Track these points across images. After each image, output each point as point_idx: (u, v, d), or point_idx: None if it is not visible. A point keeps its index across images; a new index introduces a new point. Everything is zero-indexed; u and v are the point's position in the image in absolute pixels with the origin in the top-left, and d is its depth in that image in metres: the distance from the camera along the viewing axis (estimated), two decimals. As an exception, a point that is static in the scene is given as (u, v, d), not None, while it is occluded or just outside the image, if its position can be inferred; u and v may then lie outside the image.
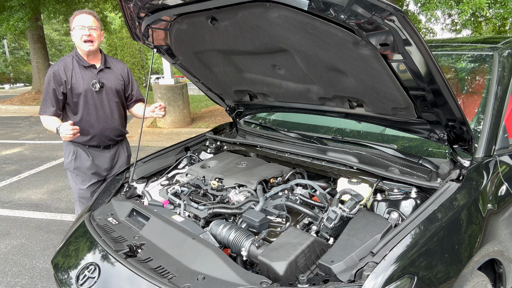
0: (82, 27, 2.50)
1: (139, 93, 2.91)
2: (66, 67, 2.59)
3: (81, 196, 2.76)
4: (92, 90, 2.61)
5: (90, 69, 2.63)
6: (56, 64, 2.60)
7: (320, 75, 1.79)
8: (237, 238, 1.60)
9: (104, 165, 2.78)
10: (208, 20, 1.74)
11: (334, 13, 1.30)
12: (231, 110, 2.74)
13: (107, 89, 2.67)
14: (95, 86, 2.61)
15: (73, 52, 2.67)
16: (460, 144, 1.69)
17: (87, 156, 2.72)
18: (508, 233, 1.73)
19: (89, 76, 2.62)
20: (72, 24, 2.55)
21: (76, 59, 2.62)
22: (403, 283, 1.25)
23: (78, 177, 2.74)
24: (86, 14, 2.55)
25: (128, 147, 2.97)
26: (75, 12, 2.60)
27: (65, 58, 2.64)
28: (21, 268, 3.21)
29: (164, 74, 8.75)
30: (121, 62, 2.87)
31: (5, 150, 7.46)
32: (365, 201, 1.76)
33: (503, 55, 2.11)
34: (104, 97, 2.67)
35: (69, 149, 2.73)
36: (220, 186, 2.08)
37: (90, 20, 2.53)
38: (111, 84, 2.69)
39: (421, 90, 1.50)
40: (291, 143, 2.32)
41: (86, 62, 2.62)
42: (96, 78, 2.63)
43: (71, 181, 2.80)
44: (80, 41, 2.53)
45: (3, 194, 5.00)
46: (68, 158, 2.74)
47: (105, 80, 2.67)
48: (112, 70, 2.73)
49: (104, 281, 1.53)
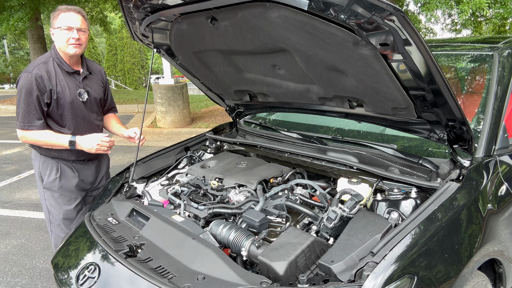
0: (69, 28, 2.15)
1: (112, 99, 2.62)
2: (49, 72, 2.18)
3: (66, 217, 2.39)
4: (79, 101, 2.27)
5: (73, 76, 2.28)
6: (36, 68, 2.16)
7: (320, 75, 1.79)
8: (237, 238, 1.60)
9: (89, 179, 2.47)
10: (208, 20, 1.74)
11: (334, 13, 1.30)
12: (231, 110, 2.74)
13: (92, 98, 2.36)
14: (83, 96, 2.28)
15: (52, 53, 2.24)
16: (460, 144, 1.69)
17: (73, 172, 2.37)
18: (508, 233, 1.73)
19: (74, 84, 2.26)
20: (56, 22, 2.16)
21: (57, 63, 2.22)
22: (403, 283, 1.25)
23: (62, 196, 2.37)
24: (75, 12, 2.17)
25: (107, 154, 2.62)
26: (60, 7, 2.19)
27: (44, 61, 2.21)
28: (21, 268, 3.21)
29: (164, 74, 8.75)
30: (97, 65, 2.51)
31: (5, 150, 7.45)
32: (365, 201, 1.76)
33: (503, 55, 2.11)
34: (90, 107, 2.36)
35: (50, 165, 2.33)
36: (220, 186, 2.08)
37: (79, 20, 2.17)
38: (95, 92, 2.38)
39: (421, 90, 1.50)
40: (291, 143, 2.32)
41: (69, 68, 2.25)
42: (81, 86, 2.29)
43: (51, 203, 2.38)
44: (65, 43, 2.17)
45: (3, 194, 5.00)
46: (49, 176, 2.33)
47: (90, 88, 2.34)
48: (94, 76, 2.41)
49: (104, 281, 1.53)
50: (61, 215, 2.39)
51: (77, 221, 2.10)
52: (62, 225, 2.41)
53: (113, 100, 2.64)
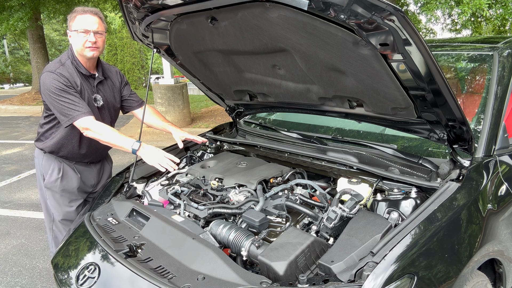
0: (86, 31, 2.11)
1: (135, 94, 2.58)
2: (70, 73, 2.15)
3: (66, 218, 2.37)
4: (94, 106, 2.24)
5: (89, 80, 2.25)
6: (58, 68, 2.13)
7: (320, 75, 1.79)
8: (237, 238, 1.60)
9: (91, 181, 2.46)
10: (208, 20, 1.74)
11: (334, 13, 1.30)
12: (231, 110, 2.74)
13: (106, 103, 2.34)
14: (98, 102, 2.26)
15: (69, 54, 2.20)
16: (460, 144, 1.70)
17: (75, 173, 2.36)
18: (508, 233, 1.73)
19: (89, 88, 2.24)
20: (73, 25, 2.13)
21: (75, 65, 2.19)
22: (403, 283, 1.25)
23: (63, 197, 2.36)
24: (91, 14, 2.13)
25: (110, 157, 2.66)
26: (76, 8, 2.15)
27: (63, 63, 2.17)
28: (21, 268, 3.21)
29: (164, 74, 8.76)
30: (112, 67, 2.47)
31: (5, 150, 7.45)
32: (365, 201, 1.76)
33: (503, 55, 2.11)
34: (104, 113, 2.34)
35: (52, 165, 2.32)
36: (220, 186, 2.08)
37: (96, 22, 2.13)
38: (110, 98, 2.36)
39: (421, 90, 1.50)
40: (291, 143, 2.32)
41: (86, 71, 2.22)
42: (95, 91, 2.27)
43: (51, 203, 2.36)
44: (82, 47, 2.13)
45: (3, 194, 5.00)
46: (51, 176, 2.31)
47: (104, 93, 2.32)
48: (110, 81, 2.38)
49: (104, 281, 1.53)
50: (61, 215, 2.38)
51: (77, 221, 2.10)
52: (60, 226, 2.40)
53: (137, 96, 2.58)
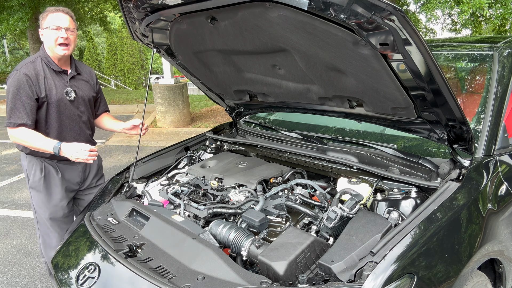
0: (58, 27, 2.19)
1: (105, 101, 2.65)
2: (37, 71, 2.22)
3: (53, 217, 2.39)
4: (66, 100, 2.29)
5: (61, 75, 2.31)
6: (24, 67, 2.21)
7: (320, 75, 1.79)
8: (237, 238, 1.60)
9: (76, 179, 2.46)
10: (208, 20, 1.74)
11: (334, 12, 1.30)
12: (231, 110, 2.74)
13: (79, 98, 2.37)
14: (70, 95, 2.30)
15: (40, 53, 2.29)
16: (460, 144, 1.69)
17: (57, 171, 2.38)
18: (508, 232, 1.73)
19: (61, 84, 2.29)
20: (45, 23, 2.22)
21: (46, 62, 2.26)
22: (403, 283, 1.25)
23: (47, 196, 2.38)
24: (63, 13, 2.23)
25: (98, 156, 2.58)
26: (48, 8, 2.25)
27: (32, 61, 2.26)
28: (21, 268, 3.21)
29: (164, 74, 8.75)
30: (87, 67, 2.55)
31: (5, 150, 7.45)
32: (365, 200, 1.76)
33: (503, 54, 2.11)
34: (77, 107, 2.37)
35: (35, 165, 2.35)
36: (220, 186, 2.08)
37: (67, 20, 2.22)
38: (83, 93, 2.40)
39: (421, 89, 1.50)
40: (291, 143, 2.32)
41: (57, 67, 2.28)
42: (69, 86, 2.31)
43: (37, 202, 2.40)
44: (53, 43, 2.21)
45: (3, 194, 5.00)
46: (35, 176, 2.35)
47: (77, 88, 2.36)
48: (83, 77, 2.43)
49: (104, 281, 1.53)
50: (47, 214, 2.39)
51: (77, 221, 2.10)
52: (48, 225, 2.41)
53: (106, 103, 2.66)
